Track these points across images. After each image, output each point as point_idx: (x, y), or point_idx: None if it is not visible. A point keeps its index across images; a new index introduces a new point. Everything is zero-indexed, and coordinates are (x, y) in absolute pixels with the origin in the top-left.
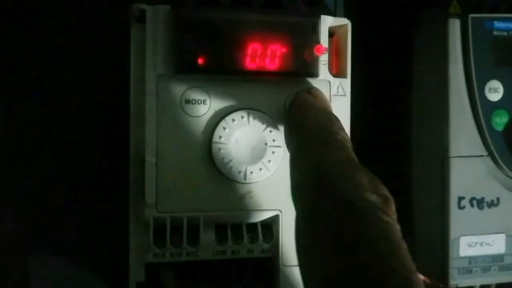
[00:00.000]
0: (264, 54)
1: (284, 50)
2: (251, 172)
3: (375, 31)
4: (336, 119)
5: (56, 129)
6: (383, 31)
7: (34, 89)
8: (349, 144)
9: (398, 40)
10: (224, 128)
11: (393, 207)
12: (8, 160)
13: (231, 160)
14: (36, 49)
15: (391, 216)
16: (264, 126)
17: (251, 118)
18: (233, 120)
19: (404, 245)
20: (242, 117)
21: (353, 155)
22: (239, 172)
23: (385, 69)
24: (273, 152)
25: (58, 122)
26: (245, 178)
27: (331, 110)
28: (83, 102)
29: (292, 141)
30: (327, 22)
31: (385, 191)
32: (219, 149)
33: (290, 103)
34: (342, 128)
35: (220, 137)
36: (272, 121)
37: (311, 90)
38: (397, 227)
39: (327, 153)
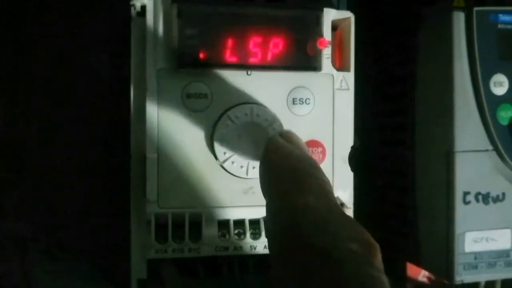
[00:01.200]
0: (266, 47)
1: (286, 43)
2: (253, 167)
3: (379, 27)
4: (310, 162)
5: (56, 127)
6: (387, 26)
7: (34, 87)
8: (328, 186)
9: (402, 35)
10: (226, 123)
11: (378, 256)
12: (7, 159)
13: (233, 155)
14: (36, 47)
15: (377, 266)
16: (266, 120)
17: (253, 113)
18: (235, 115)
19: None
20: (244, 111)
21: (330, 198)
22: (241, 167)
23: (389, 65)
24: None
25: (58, 120)
26: (247, 174)
27: (307, 152)
28: (83, 99)
29: (265, 187)
30: (330, 15)
31: (369, 238)
32: (221, 144)
33: (264, 149)
34: (318, 170)
35: (222, 132)
36: (274, 116)
37: (283, 134)
38: (384, 279)
39: (300, 198)
